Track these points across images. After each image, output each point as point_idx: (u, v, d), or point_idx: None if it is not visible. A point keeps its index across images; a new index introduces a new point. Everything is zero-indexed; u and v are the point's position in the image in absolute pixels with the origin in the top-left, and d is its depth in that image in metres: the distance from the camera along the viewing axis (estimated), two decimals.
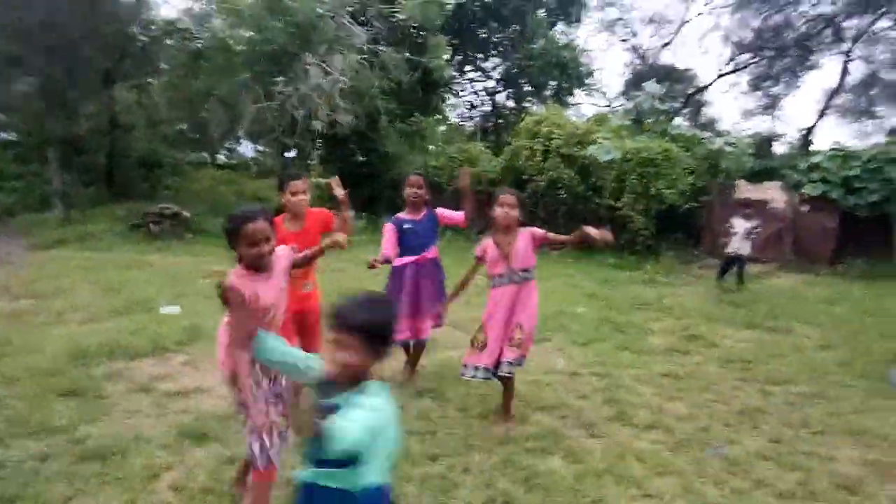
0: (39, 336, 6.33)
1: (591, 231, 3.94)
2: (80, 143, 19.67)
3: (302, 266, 3.80)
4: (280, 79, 14.40)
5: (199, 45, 19.19)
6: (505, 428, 4.29)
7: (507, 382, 4.38)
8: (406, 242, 4.87)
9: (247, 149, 41.95)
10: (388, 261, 4.79)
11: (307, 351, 4.18)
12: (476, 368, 4.27)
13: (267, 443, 2.97)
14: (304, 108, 14.06)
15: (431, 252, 5.05)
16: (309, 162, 21.71)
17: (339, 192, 4.23)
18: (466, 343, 6.19)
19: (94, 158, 21.71)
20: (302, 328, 4.26)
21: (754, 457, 4.00)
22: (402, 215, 4.95)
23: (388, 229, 4.87)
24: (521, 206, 4.26)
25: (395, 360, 5.35)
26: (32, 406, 4.42)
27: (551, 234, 4.31)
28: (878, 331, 7.24)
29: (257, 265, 2.94)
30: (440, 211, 5.03)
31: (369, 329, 2.02)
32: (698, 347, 6.48)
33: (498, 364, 4.24)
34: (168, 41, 21.21)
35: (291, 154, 26.28)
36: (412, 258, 4.90)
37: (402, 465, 3.74)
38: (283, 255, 3.12)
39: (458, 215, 5.02)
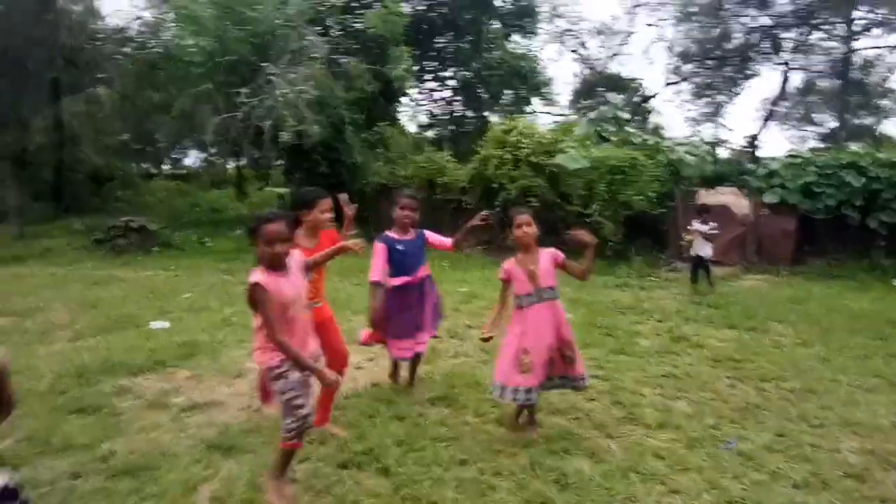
0: (29, 356, 6.20)
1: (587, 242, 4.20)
2: (28, 157, 19.03)
3: (317, 266, 3.93)
4: (244, 90, 14.28)
5: (153, 55, 18.84)
6: (535, 433, 4.42)
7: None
8: (401, 263, 4.83)
9: (193, 159, 41.12)
10: (378, 284, 4.76)
11: (330, 346, 4.25)
12: (516, 391, 4.24)
13: (297, 424, 3.38)
14: (269, 119, 13.96)
15: (424, 269, 5.04)
16: (269, 172, 21.57)
17: (350, 209, 4.31)
18: (467, 350, 6.38)
19: (39, 172, 21.01)
20: (322, 334, 4.27)
21: (765, 451, 4.21)
22: (393, 235, 4.87)
23: (380, 250, 4.79)
24: (536, 222, 4.31)
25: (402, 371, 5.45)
26: (49, 426, 4.36)
27: (571, 262, 4.38)
28: (847, 328, 7.62)
29: (275, 264, 3.28)
30: (428, 234, 5.02)
31: None
32: (686, 348, 6.71)
33: (543, 383, 4.32)
34: (119, 51, 20.74)
35: (243, 162, 26.04)
36: (408, 278, 4.88)
37: (433, 469, 3.84)
38: (296, 256, 3.47)
39: (446, 241, 5.05)
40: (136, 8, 21.59)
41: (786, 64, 28.25)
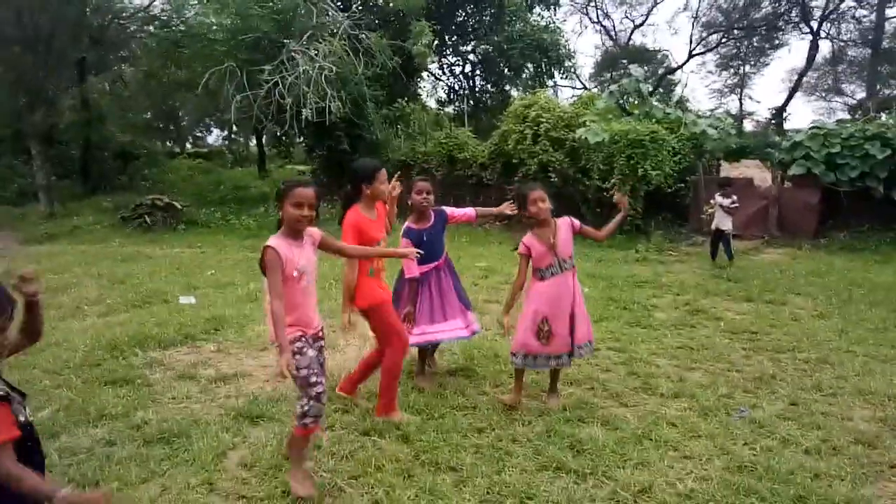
0: (64, 330, 6.44)
1: (623, 206, 4.50)
2: (56, 135, 19.42)
3: (367, 258, 4.06)
4: (266, 67, 14.38)
5: (177, 33, 18.97)
6: (556, 403, 4.53)
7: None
8: (426, 251, 4.58)
9: (215, 137, 41.59)
10: (417, 280, 4.72)
11: (394, 328, 4.31)
12: (548, 358, 4.40)
13: (310, 406, 3.30)
14: (291, 96, 14.07)
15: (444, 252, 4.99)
16: (290, 149, 21.71)
17: (397, 189, 4.41)
18: (485, 324, 6.47)
19: (67, 151, 21.44)
20: (386, 316, 4.30)
21: (777, 418, 4.29)
22: (413, 225, 4.77)
23: (407, 246, 4.63)
24: (549, 197, 4.41)
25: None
26: (84, 396, 4.56)
27: (587, 227, 4.53)
28: (866, 300, 7.63)
29: (295, 229, 3.26)
30: (450, 211, 4.94)
31: None
32: (703, 321, 6.78)
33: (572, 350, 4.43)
34: (143, 29, 20.93)
35: (264, 140, 26.22)
36: (433, 264, 4.81)
37: (452, 436, 3.98)
38: (315, 232, 3.43)
39: (468, 212, 5.03)
40: None
41: (815, 33, 27.66)
